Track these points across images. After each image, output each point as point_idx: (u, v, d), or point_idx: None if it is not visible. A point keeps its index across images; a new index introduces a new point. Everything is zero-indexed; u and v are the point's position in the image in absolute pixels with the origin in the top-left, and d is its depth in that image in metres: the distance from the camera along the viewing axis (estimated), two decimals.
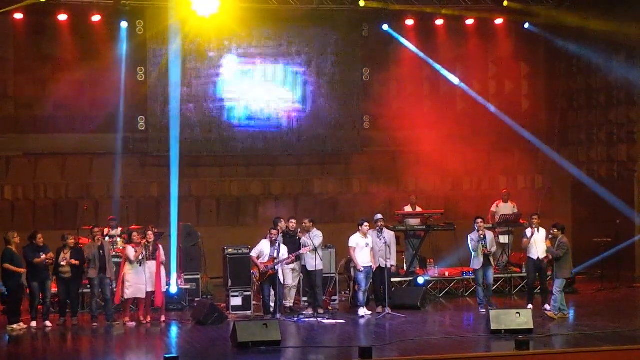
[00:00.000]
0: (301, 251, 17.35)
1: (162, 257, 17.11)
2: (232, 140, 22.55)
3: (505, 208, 21.06)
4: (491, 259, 17.81)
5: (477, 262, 17.61)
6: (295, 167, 23.19)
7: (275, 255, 17.05)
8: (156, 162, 21.99)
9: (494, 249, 17.85)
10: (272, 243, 17.14)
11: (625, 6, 21.33)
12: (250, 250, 17.54)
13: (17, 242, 16.66)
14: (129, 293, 16.83)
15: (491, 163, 23.58)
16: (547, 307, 17.07)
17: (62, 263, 16.68)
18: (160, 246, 17.28)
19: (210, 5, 20.80)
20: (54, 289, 17.08)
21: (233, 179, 23.00)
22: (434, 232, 20.57)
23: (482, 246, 17.51)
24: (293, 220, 17.97)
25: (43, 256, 16.55)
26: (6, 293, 16.68)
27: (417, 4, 22.26)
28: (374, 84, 23.28)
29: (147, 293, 16.91)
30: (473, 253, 17.63)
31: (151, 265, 16.90)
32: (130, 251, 16.86)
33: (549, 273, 17.52)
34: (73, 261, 16.70)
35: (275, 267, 16.99)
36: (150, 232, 17.08)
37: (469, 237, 17.68)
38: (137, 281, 16.80)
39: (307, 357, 14.54)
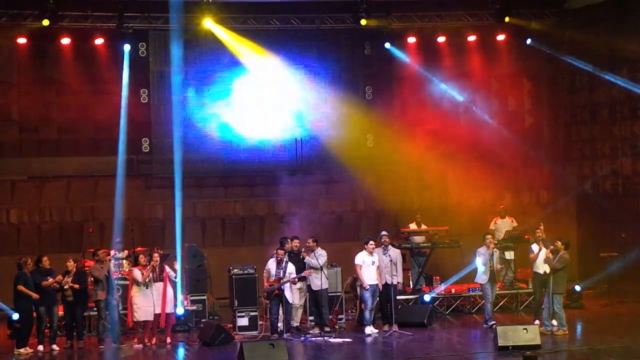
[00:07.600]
0: (304, 274, 17.29)
1: (172, 275, 17.02)
2: (236, 160, 22.54)
3: (504, 224, 21.02)
4: (495, 276, 17.77)
5: (484, 277, 17.55)
6: (300, 186, 23.14)
7: (282, 275, 17.03)
8: (160, 184, 22.02)
9: (499, 266, 17.84)
10: (279, 263, 17.13)
11: (627, 21, 21.35)
12: (256, 270, 17.51)
13: (29, 268, 16.61)
14: (138, 316, 16.77)
15: (496, 179, 23.49)
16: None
17: (65, 287, 16.66)
18: (167, 266, 17.21)
19: (212, 27, 20.95)
20: (61, 312, 17.03)
21: (237, 199, 23.01)
22: (440, 249, 20.54)
23: (490, 262, 17.47)
24: (297, 241, 17.98)
25: (50, 279, 16.53)
26: (18, 317, 16.59)
27: (418, 22, 22.29)
28: (377, 102, 23.28)
29: (155, 315, 16.86)
30: (482, 268, 17.56)
31: (159, 286, 16.87)
32: (137, 274, 16.82)
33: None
34: (74, 285, 16.62)
35: (282, 286, 16.97)
36: (156, 254, 17.05)
37: (477, 252, 17.61)
38: (146, 304, 16.75)
39: None
